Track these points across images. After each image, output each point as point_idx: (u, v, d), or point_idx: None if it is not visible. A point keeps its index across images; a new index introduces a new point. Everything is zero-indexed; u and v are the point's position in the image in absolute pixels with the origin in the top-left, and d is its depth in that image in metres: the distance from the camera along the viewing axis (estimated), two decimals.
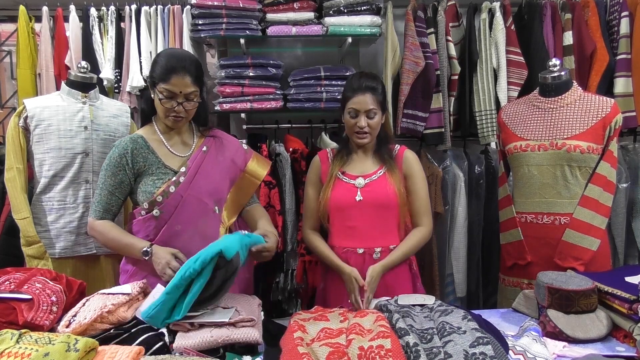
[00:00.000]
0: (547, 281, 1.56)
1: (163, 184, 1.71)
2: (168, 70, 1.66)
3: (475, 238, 2.82)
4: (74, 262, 2.17)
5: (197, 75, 1.71)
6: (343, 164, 1.96)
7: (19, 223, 2.11)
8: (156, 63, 1.72)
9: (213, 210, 1.78)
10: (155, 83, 1.69)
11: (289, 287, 2.57)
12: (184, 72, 1.66)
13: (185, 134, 1.83)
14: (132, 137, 1.78)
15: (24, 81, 2.80)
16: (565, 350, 1.39)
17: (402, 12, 2.79)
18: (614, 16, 2.77)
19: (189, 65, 1.68)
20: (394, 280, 1.90)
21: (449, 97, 2.79)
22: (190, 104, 1.71)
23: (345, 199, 1.90)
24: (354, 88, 1.89)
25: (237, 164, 1.88)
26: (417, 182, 1.95)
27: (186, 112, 1.72)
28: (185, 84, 1.66)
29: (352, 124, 1.89)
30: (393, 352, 1.19)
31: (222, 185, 1.82)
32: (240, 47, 2.77)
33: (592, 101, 1.99)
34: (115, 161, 1.72)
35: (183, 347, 1.28)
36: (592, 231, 1.93)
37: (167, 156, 1.77)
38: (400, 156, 1.97)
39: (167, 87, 1.66)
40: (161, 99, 1.68)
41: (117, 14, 2.81)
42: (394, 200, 1.88)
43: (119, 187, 1.73)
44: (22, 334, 1.21)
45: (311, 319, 1.45)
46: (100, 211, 1.74)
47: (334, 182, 1.93)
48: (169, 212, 1.71)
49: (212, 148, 1.83)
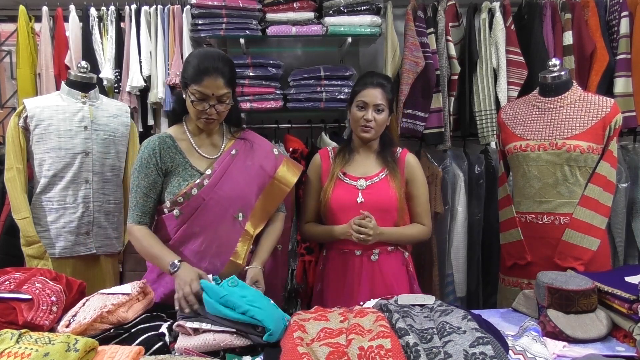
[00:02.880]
0: (547, 281, 1.56)
1: (187, 186, 1.68)
2: (200, 72, 1.61)
3: (475, 238, 2.82)
4: (74, 262, 2.18)
5: (231, 76, 1.66)
6: (345, 163, 1.96)
7: (19, 223, 2.11)
8: (188, 63, 1.67)
9: (235, 216, 1.72)
10: (187, 84, 1.65)
11: (288, 287, 2.57)
12: (216, 74, 1.61)
13: (216, 135, 1.79)
14: (160, 136, 1.74)
15: (23, 81, 2.80)
16: (565, 350, 1.39)
17: (402, 12, 2.79)
18: (614, 16, 2.77)
19: (222, 67, 1.63)
20: (392, 281, 1.90)
21: (449, 97, 2.78)
22: (222, 106, 1.67)
23: (346, 200, 1.90)
24: (365, 82, 1.92)
25: (266, 170, 1.81)
26: (419, 187, 1.97)
27: (218, 115, 1.67)
28: (217, 86, 1.62)
29: (359, 116, 1.89)
30: (393, 352, 1.19)
31: (248, 191, 1.76)
32: (240, 47, 2.77)
33: (592, 101, 1.98)
34: (146, 161, 1.68)
35: (184, 348, 1.29)
36: (592, 231, 1.93)
37: (195, 157, 1.73)
38: (402, 160, 1.97)
39: (199, 89, 1.62)
40: (193, 101, 1.64)
41: (117, 13, 2.81)
42: (394, 204, 1.89)
43: (152, 187, 1.69)
44: (22, 334, 1.21)
45: (311, 319, 1.45)
46: (138, 215, 1.69)
47: (335, 183, 1.93)
48: (189, 213, 1.67)
49: (241, 152, 1.78)
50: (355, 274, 1.91)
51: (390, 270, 1.92)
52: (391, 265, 1.93)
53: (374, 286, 1.88)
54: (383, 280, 1.89)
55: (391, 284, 1.89)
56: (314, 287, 2.09)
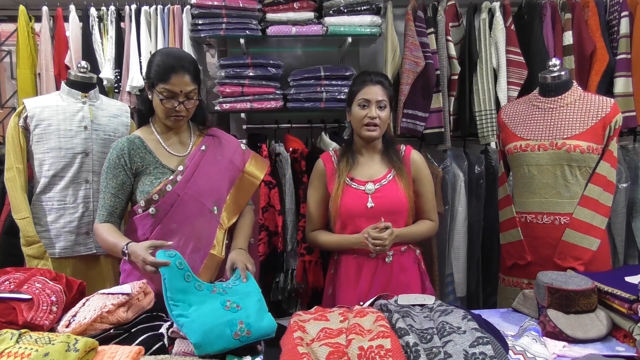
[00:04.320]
0: (547, 281, 1.56)
1: (160, 183, 1.70)
2: (167, 70, 1.65)
3: (475, 238, 2.82)
4: (74, 262, 2.17)
5: (196, 73, 1.70)
6: (350, 168, 1.94)
7: (19, 223, 2.11)
8: (152, 63, 1.70)
9: (211, 210, 1.76)
10: (153, 84, 1.68)
11: (288, 287, 2.57)
12: (183, 71, 1.65)
13: (184, 133, 1.82)
14: (128, 138, 1.77)
15: (23, 81, 2.80)
16: (565, 350, 1.39)
17: (402, 12, 2.79)
18: (614, 16, 2.77)
19: (187, 64, 1.67)
20: (404, 279, 1.89)
21: (449, 97, 2.78)
22: (190, 102, 1.70)
23: (356, 207, 1.88)
24: (364, 80, 1.91)
25: (236, 164, 1.86)
26: (425, 184, 1.97)
27: (187, 111, 1.71)
28: (185, 83, 1.66)
29: (362, 115, 1.87)
30: (393, 352, 1.19)
31: (221, 185, 1.80)
32: (240, 47, 2.77)
33: (592, 101, 1.98)
34: (114, 162, 1.71)
35: (182, 352, 1.28)
36: (592, 231, 1.93)
37: (165, 156, 1.76)
38: (407, 158, 1.96)
39: (168, 87, 1.65)
40: (162, 99, 1.67)
41: (117, 13, 2.81)
42: (404, 206, 1.89)
43: (121, 188, 1.72)
44: (22, 334, 1.21)
45: (311, 319, 1.45)
46: (104, 214, 1.72)
47: (343, 189, 1.90)
48: (165, 210, 1.69)
49: (211, 147, 1.82)
50: (369, 276, 1.89)
51: (403, 270, 1.91)
52: (404, 265, 1.92)
53: (387, 287, 1.86)
54: (397, 280, 1.88)
55: (404, 282, 1.88)
56: (325, 291, 2.05)
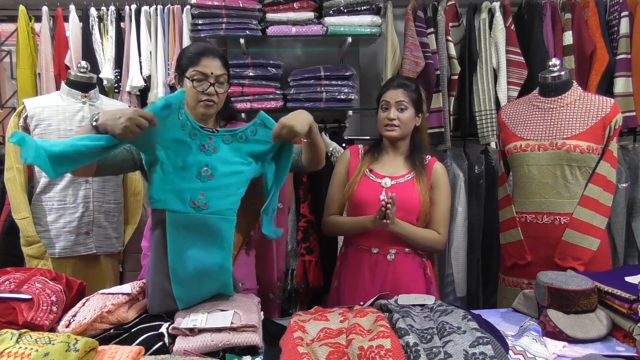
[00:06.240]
0: (547, 281, 1.56)
1: None
2: (197, 54, 1.66)
3: (475, 238, 2.82)
4: (74, 262, 2.18)
5: (225, 61, 1.71)
6: (373, 161, 1.98)
7: (19, 223, 2.11)
8: (182, 54, 1.72)
9: None
10: (183, 72, 1.67)
11: (289, 287, 2.57)
12: (213, 55, 1.67)
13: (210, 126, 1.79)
14: None
15: (23, 81, 2.80)
16: (565, 350, 1.39)
17: (402, 12, 2.79)
18: (614, 16, 2.77)
19: (216, 51, 1.70)
20: (406, 280, 1.89)
21: (449, 97, 2.79)
22: (222, 87, 1.69)
23: (368, 196, 1.90)
24: (387, 85, 1.97)
25: None
26: (441, 194, 1.96)
27: (217, 97, 1.68)
28: (215, 66, 1.66)
29: (382, 117, 1.93)
30: (393, 352, 1.19)
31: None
32: (240, 47, 2.78)
33: (592, 101, 1.98)
34: None
35: (183, 350, 1.28)
36: (592, 231, 1.93)
37: None
38: (430, 167, 1.98)
39: (199, 69, 1.64)
40: (193, 82, 1.65)
41: (117, 13, 2.81)
42: (416, 206, 1.89)
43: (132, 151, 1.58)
44: (22, 334, 1.21)
45: (311, 319, 1.45)
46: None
47: (360, 178, 1.94)
48: None
49: None
50: (369, 271, 1.90)
51: (405, 272, 1.90)
52: (407, 267, 1.91)
53: (387, 286, 1.86)
54: (397, 280, 1.88)
55: (406, 285, 1.87)
56: (332, 283, 2.07)
